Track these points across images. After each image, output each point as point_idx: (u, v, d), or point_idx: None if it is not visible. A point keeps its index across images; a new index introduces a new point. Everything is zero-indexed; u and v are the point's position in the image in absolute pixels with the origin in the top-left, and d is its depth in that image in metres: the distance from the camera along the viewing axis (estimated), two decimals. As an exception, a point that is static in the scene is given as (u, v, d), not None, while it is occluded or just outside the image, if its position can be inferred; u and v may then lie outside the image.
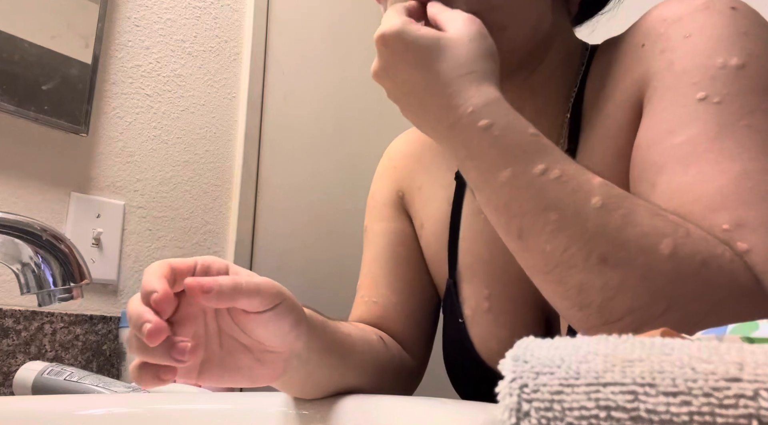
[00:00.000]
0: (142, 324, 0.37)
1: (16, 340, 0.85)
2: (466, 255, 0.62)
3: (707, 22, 0.46)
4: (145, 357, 0.39)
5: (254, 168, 1.21)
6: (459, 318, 0.62)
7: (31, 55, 0.92)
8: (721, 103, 0.42)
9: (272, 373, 0.45)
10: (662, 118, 0.45)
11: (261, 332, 0.43)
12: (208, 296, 0.38)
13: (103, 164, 1.00)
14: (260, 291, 0.41)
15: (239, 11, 1.25)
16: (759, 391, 0.16)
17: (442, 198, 0.66)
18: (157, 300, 0.38)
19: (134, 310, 0.38)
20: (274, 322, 0.43)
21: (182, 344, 0.38)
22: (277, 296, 0.42)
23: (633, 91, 0.50)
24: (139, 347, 0.39)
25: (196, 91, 1.15)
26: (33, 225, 0.57)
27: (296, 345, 0.45)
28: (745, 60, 0.43)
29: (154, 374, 0.39)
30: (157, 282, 0.38)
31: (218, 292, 0.39)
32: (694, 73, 0.44)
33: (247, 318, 0.42)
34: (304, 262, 1.25)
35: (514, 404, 0.19)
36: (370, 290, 0.68)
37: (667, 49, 0.47)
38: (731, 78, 0.43)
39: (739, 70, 0.43)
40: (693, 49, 0.45)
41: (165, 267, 0.40)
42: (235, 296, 0.40)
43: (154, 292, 0.38)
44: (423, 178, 0.69)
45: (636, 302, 0.36)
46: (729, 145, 0.40)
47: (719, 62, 0.44)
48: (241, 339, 0.44)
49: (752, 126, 0.41)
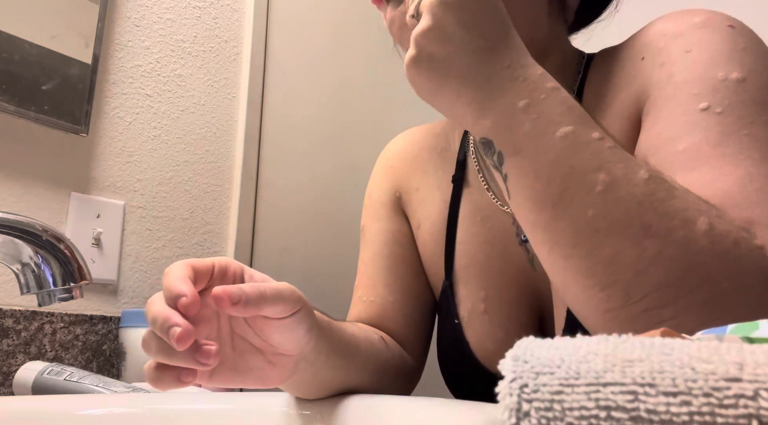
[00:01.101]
0: (169, 328, 0.36)
1: (16, 340, 0.85)
2: (462, 257, 0.63)
3: (707, 39, 0.47)
4: (167, 360, 0.38)
5: (254, 168, 1.21)
6: (455, 319, 0.62)
7: (31, 55, 0.92)
8: (723, 114, 0.43)
9: (282, 375, 0.45)
10: (664, 126, 0.45)
11: (277, 337, 0.43)
12: (236, 307, 0.38)
13: (103, 164, 1.00)
14: (283, 297, 0.41)
15: (239, 11, 1.25)
16: (759, 391, 0.16)
17: (439, 199, 0.66)
18: (187, 304, 0.37)
19: (159, 312, 0.38)
20: (292, 328, 0.43)
21: (207, 347, 0.38)
22: (297, 302, 0.42)
23: (631, 102, 0.51)
24: (161, 349, 0.38)
25: (196, 91, 1.15)
26: (33, 225, 0.57)
27: (306, 348, 0.45)
28: (745, 74, 0.44)
29: (176, 377, 0.39)
30: (184, 285, 0.38)
31: (245, 302, 0.39)
32: (695, 84, 0.45)
33: (264, 323, 0.42)
34: (303, 262, 1.25)
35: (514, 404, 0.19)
36: (368, 289, 0.68)
37: (668, 63, 0.48)
38: (732, 90, 0.43)
39: (740, 83, 0.44)
40: (693, 63, 0.46)
41: (188, 269, 0.40)
42: (260, 304, 0.39)
43: (183, 296, 0.38)
44: (420, 179, 0.69)
45: (668, 276, 0.35)
46: (731, 151, 0.41)
47: (720, 75, 0.44)
48: (252, 341, 0.44)
49: (753, 135, 0.41)
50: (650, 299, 0.35)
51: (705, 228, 0.36)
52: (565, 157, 0.38)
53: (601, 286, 0.37)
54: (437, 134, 0.71)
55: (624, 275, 0.36)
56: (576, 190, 0.37)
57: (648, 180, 0.37)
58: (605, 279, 0.36)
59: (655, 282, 0.35)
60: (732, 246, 0.35)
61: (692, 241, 0.35)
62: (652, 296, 0.35)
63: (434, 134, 0.72)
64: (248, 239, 1.17)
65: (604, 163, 0.37)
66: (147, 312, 0.39)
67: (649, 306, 0.35)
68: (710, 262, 0.35)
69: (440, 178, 0.67)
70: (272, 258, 1.20)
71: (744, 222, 0.38)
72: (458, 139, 0.68)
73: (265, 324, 0.43)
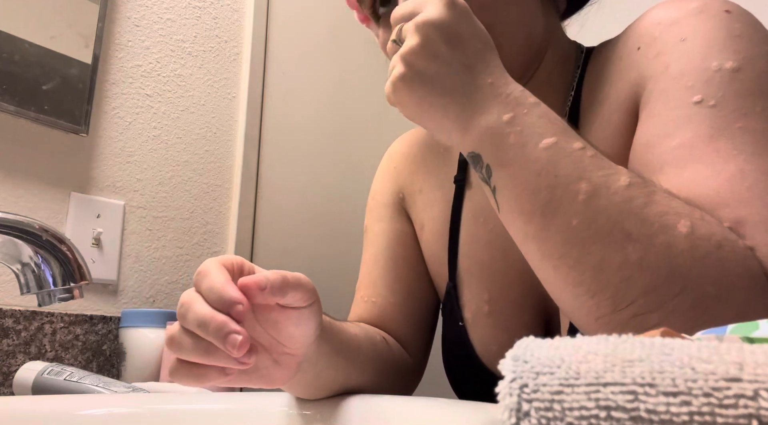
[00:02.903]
0: (227, 334, 0.37)
1: (16, 340, 0.85)
2: (465, 258, 0.63)
3: (702, 26, 0.46)
4: (204, 359, 0.39)
5: (254, 168, 1.21)
6: (459, 321, 0.62)
7: (31, 55, 0.92)
8: (716, 106, 0.42)
9: (287, 375, 0.45)
10: (658, 121, 0.45)
11: (292, 330, 0.43)
12: (263, 293, 0.39)
13: (103, 164, 1.00)
14: (303, 285, 0.41)
15: (239, 11, 1.25)
16: (759, 391, 0.16)
17: (442, 201, 0.66)
18: (243, 312, 0.38)
19: (211, 316, 0.38)
20: (308, 319, 0.43)
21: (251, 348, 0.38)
22: (314, 293, 0.43)
23: (629, 94, 0.50)
24: (196, 348, 0.38)
25: (196, 91, 1.15)
26: (33, 226, 0.57)
27: (311, 347, 0.45)
28: (740, 63, 0.44)
29: (220, 371, 0.39)
30: (236, 292, 0.38)
31: (271, 288, 0.39)
32: (689, 76, 0.45)
33: (281, 314, 0.42)
34: (304, 262, 1.25)
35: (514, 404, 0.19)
36: (369, 290, 0.68)
37: (662, 53, 0.48)
38: (726, 81, 0.43)
39: (734, 73, 0.43)
40: (688, 53, 0.46)
41: (225, 273, 0.40)
42: (285, 290, 0.40)
43: (239, 304, 0.38)
44: (423, 180, 0.69)
45: (653, 282, 0.35)
46: (724, 146, 0.41)
47: (714, 65, 0.44)
48: (260, 340, 0.44)
49: (747, 128, 0.41)
50: (638, 305, 0.36)
51: (685, 232, 0.36)
52: (549, 167, 0.39)
53: (591, 294, 0.37)
54: None
55: (611, 282, 0.36)
56: (560, 200, 0.38)
57: (628, 186, 0.38)
58: (594, 286, 0.37)
59: (641, 288, 0.36)
60: (714, 249, 0.36)
61: (673, 246, 0.36)
62: (639, 302, 0.36)
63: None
64: (248, 239, 1.17)
65: (586, 173, 0.38)
66: (186, 312, 0.39)
67: (637, 311, 0.36)
68: (691, 266, 0.35)
69: (443, 179, 0.67)
70: (272, 258, 1.20)
71: (733, 222, 0.38)
72: None
73: (281, 316, 0.42)
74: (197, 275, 0.40)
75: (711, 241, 0.36)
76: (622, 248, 0.36)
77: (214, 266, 0.40)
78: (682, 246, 0.35)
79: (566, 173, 0.38)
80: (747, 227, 0.38)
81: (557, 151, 0.39)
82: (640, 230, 0.36)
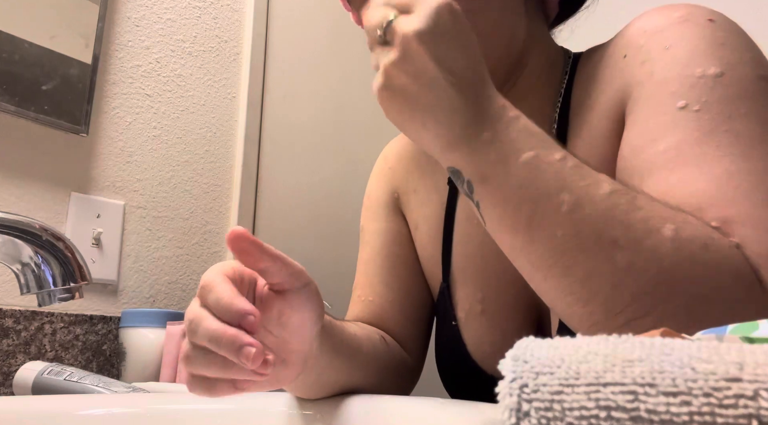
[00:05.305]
0: (241, 347, 0.37)
1: (16, 340, 0.85)
2: (459, 258, 0.63)
3: (686, 34, 0.47)
4: (221, 374, 0.39)
5: (254, 168, 1.21)
6: (452, 320, 0.62)
7: (31, 55, 0.92)
8: (701, 111, 0.43)
9: (292, 374, 0.45)
10: (645, 126, 0.46)
11: (295, 319, 0.43)
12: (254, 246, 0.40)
13: (103, 164, 1.00)
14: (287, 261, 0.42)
15: (239, 11, 1.25)
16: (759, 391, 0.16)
17: (436, 201, 0.66)
18: (256, 324, 0.38)
19: (223, 331, 0.38)
20: (307, 302, 0.43)
21: (266, 357, 0.38)
22: (303, 273, 0.44)
23: (615, 100, 0.51)
24: (211, 364, 0.39)
25: (196, 91, 1.15)
26: (33, 225, 0.57)
27: (314, 344, 0.45)
28: (723, 69, 0.44)
29: (232, 385, 0.40)
30: (245, 303, 0.38)
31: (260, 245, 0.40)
32: (673, 82, 0.45)
33: (283, 302, 0.43)
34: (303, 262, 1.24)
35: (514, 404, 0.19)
36: (366, 289, 0.69)
37: (648, 60, 0.48)
38: (710, 86, 0.44)
39: (718, 78, 0.44)
40: (672, 60, 0.46)
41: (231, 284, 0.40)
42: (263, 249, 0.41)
43: (250, 315, 0.38)
44: (418, 180, 0.69)
45: (643, 286, 0.36)
46: (710, 149, 0.41)
47: (698, 72, 0.45)
48: (266, 340, 0.44)
49: (731, 131, 0.42)
50: (630, 310, 0.36)
51: (670, 235, 0.36)
52: (530, 180, 0.39)
53: (583, 302, 0.38)
54: None
55: (602, 289, 0.37)
56: (543, 212, 0.38)
57: (610, 194, 0.38)
58: (585, 295, 0.37)
59: (631, 293, 0.36)
60: (699, 250, 0.36)
61: (659, 249, 0.36)
62: (632, 307, 0.36)
63: None
64: (248, 239, 1.17)
65: (567, 183, 0.38)
66: (196, 328, 0.39)
67: (630, 316, 0.36)
68: (678, 268, 0.35)
69: (437, 179, 0.67)
70: (272, 258, 1.20)
71: (721, 221, 0.38)
72: None
73: (282, 303, 0.43)
74: (202, 289, 0.40)
75: (696, 243, 0.36)
76: (610, 255, 0.36)
77: (219, 278, 0.40)
78: (668, 250, 0.36)
79: (547, 185, 0.39)
80: (734, 225, 0.38)
81: (537, 164, 0.39)
82: (626, 236, 0.36)
